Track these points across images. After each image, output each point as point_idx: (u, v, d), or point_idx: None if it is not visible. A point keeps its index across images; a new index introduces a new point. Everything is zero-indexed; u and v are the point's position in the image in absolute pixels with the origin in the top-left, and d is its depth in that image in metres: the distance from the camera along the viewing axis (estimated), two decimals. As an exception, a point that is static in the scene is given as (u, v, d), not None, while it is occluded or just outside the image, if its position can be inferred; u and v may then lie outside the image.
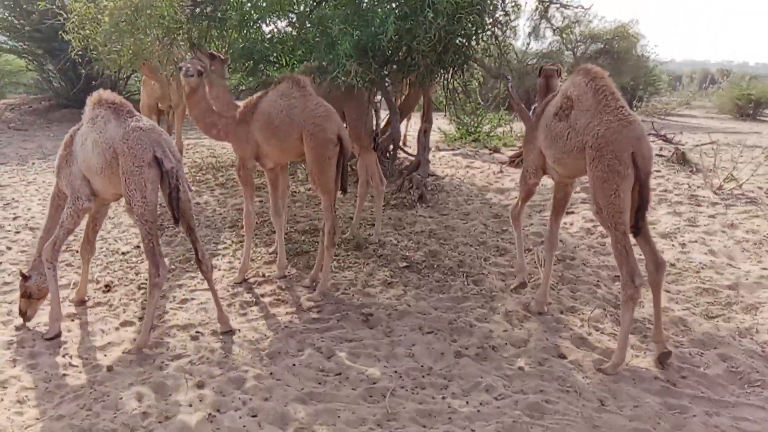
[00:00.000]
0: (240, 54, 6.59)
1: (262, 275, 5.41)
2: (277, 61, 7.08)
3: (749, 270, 5.53)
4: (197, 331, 4.36)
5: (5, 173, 9.19)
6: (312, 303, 4.84)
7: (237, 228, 6.65)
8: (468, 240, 6.28)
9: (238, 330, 4.38)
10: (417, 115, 10.94)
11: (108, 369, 3.80)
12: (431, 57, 5.69)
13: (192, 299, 4.92)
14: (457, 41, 5.90)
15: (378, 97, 7.32)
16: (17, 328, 4.40)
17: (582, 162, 3.99)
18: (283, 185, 5.44)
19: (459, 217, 7.11)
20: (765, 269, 5.53)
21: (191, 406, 3.42)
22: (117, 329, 4.41)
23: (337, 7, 5.71)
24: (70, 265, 5.56)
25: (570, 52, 19.18)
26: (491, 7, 5.75)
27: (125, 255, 5.89)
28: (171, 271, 5.32)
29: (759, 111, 21.55)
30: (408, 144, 10.63)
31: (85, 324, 4.48)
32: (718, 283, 5.25)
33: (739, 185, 7.76)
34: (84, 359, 3.97)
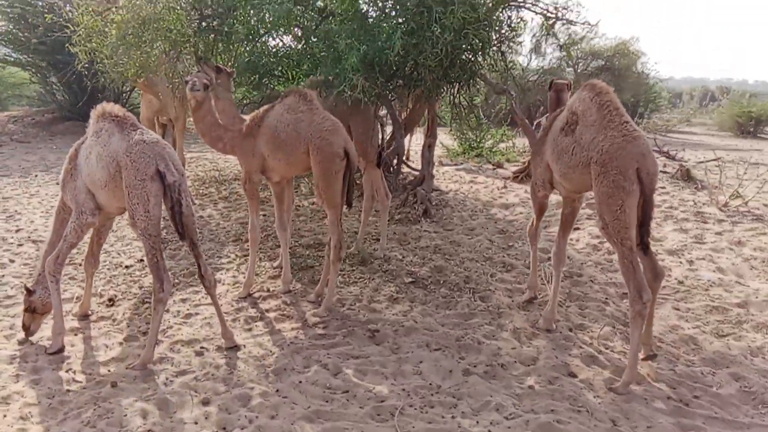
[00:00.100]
0: (245, 68, 6.59)
1: (266, 290, 5.36)
2: (282, 75, 7.08)
3: (758, 288, 5.49)
4: (202, 347, 4.30)
5: (8, 185, 9.16)
6: (317, 318, 4.78)
7: (241, 242, 6.62)
8: (474, 255, 6.24)
9: (243, 346, 4.32)
10: (419, 130, 10.97)
11: (112, 385, 3.73)
12: (438, 72, 5.70)
13: (196, 314, 4.87)
14: (464, 56, 5.93)
15: (382, 112, 7.32)
16: (20, 342, 4.34)
17: (588, 177, 3.97)
18: (289, 199, 5.41)
19: (464, 233, 7.08)
20: (774, 287, 5.49)
21: (197, 423, 3.36)
22: (121, 344, 4.35)
23: (344, 22, 5.71)
24: (73, 279, 5.51)
25: (571, 68, 19.33)
26: (498, 23, 5.77)
27: (129, 269, 5.85)
28: (175, 286, 5.27)
29: (759, 128, 21.63)
30: (411, 159, 10.63)
31: (89, 338, 4.42)
32: (727, 301, 5.21)
33: (745, 202, 7.75)
34: (87, 375, 3.90)
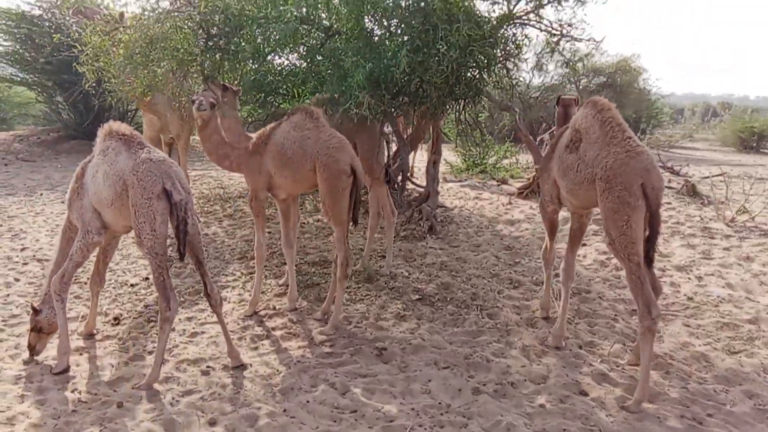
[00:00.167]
0: (251, 86, 6.63)
1: (272, 308, 5.33)
2: (287, 93, 7.11)
3: (768, 304, 5.44)
4: (208, 366, 4.27)
5: (13, 204, 9.17)
6: (324, 337, 4.75)
7: (246, 259, 6.59)
8: (480, 272, 6.20)
9: (249, 365, 4.29)
10: (422, 147, 10.99)
11: (118, 405, 3.70)
12: (444, 89, 5.72)
13: (202, 332, 4.84)
14: (469, 74, 5.95)
15: (387, 129, 7.34)
16: (25, 362, 4.31)
17: (593, 193, 3.98)
18: (294, 216, 5.41)
19: (470, 249, 7.05)
20: (784, 303, 5.44)
21: (204, 444, 3.32)
22: (126, 364, 4.31)
23: (349, 40, 5.75)
24: (78, 298, 5.49)
25: (573, 85, 19.43)
26: (503, 40, 5.80)
27: (134, 287, 5.82)
28: (180, 304, 5.24)
29: (762, 144, 21.63)
30: (415, 175, 10.63)
31: (94, 358, 4.39)
32: (738, 317, 5.15)
33: (752, 217, 7.72)
34: (93, 395, 3.86)
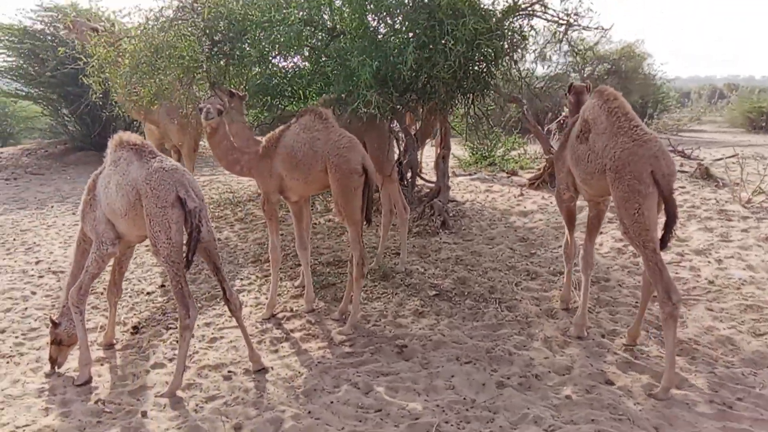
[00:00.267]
0: (256, 90, 6.61)
1: (290, 310, 5.32)
2: (293, 96, 7.10)
3: (791, 284, 5.37)
4: (229, 371, 4.26)
5: (25, 217, 9.22)
6: (344, 337, 4.73)
7: (260, 263, 6.59)
8: (496, 265, 6.16)
9: (270, 368, 4.27)
10: (428, 142, 10.92)
11: (143, 414, 3.70)
12: (452, 84, 5.68)
13: (221, 337, 4.83)
14: (477, 67, 5.90)
15: (394, 125, 7.30)
16: (47, 374, 4.32)
17: (605, 182, 4.00)
18: (307, 218, 5.39)
19: (484, 242, 7.01)
20: (807, 283, 5.37)
21: (231, 450, 3.31)
22: (148, 372, 4.31)
23: (354, 40, 5.71)
24: (96, 308, 5.50)
25: (578, 73, 19.30)
26: (509, 32, 5.74)
27: (150, 295, 5.83)
28: (198, 310, 5.24)
29: (772, 123, 21.40)
30: (423, 171, 10.58)
31: (115, 368, 4.39)
32: (761, 299, 5.08)
33: (769, 198, 7.64)
34: (117, 405, 3.86)
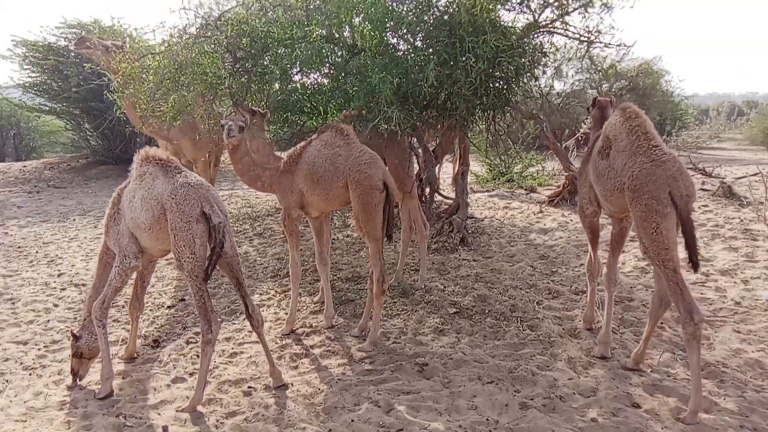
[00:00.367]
0: (276, 106, 6.68)
1: (309, 325, 5.30)
2: (312, 112, 7.15)
3: (820, 306, 5.25)
4: (249, 386, 4.25)
5: (48, 230, 9.34)
6: (363, 354, 4.69)
7: (279, 278, 6.59)
8: (517, 283, 6.10)
9: (290, 384, 4.25)
10: (446, 159, 10.91)
11: (163, 429, 3.69)
12: (472, 101, 5.69)
13: (241, 353, 4.82)
14: (497, 84, 5.90)
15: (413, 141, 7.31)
16: (69, 387, 4.34)
17: (624, 200, 3.98)
18: (327, 233, 5.40)
19: (504, 260, 6.95)
20: (836, 305, 5.25)
21: (252, 467, 3.28)
22: (168, 386, 4.32)
23: (375, 56, 5.75)
24: (116, 321, 5.53)
25: (594, 90, 19.24)
26: (531, 49, 5.74)
27: (171, 309, 5.85)
28: (219, 324, 5.24)
29: (793, 141, 21.12)
30: (440, 187, 10.56)
31: (136, 381, 4.40)
32: (790, 321, 4.98)
33: (794, 217, 7.50)
34: (138, 419, 3.86)
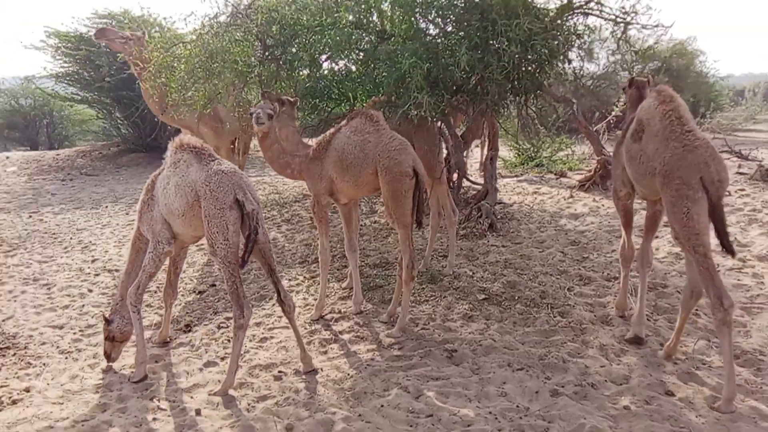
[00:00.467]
0: (305, 93, 6.68)
1: (338, 311, 5.33)
2: (340, 98, 7.14)
3: None
4: (280, 371, 4.30)
5: (81, 217, 9.54)
6: (392, 339, 4.71)
7: (307, 264, 6.64)
8: (547, 269, 6.03)
9: (320, 369, 4.29)
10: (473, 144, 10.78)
11: (196, 412, 3.76)
12: (504, 85, 5.59)
13: (271, 337, 4.88)
14: (530, 67, 5.79)
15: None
16: (104, 370, 4.46)
17: (655, 184, 3.93)
18: (355, 220, 5.41)
19: (534, 246, 6.88)
20: None
21: (284, 451, 3.32)
22: (201, 370, 4.39)
23: (405, 42, 5.69)
24: (149, 306, 5.64)
25: (626, 72, 18.80)
26: (564, 31, 5.61)
27: (202, 294, 5.94)
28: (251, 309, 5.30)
29: (834, 122, 20.37)
30: (468, 173, 10.45)
31: (169, 366, 4.49)
32: (831, 309, 4.83)
33: (836, 202, 7.25)
34: (171, 402, 3.94)
